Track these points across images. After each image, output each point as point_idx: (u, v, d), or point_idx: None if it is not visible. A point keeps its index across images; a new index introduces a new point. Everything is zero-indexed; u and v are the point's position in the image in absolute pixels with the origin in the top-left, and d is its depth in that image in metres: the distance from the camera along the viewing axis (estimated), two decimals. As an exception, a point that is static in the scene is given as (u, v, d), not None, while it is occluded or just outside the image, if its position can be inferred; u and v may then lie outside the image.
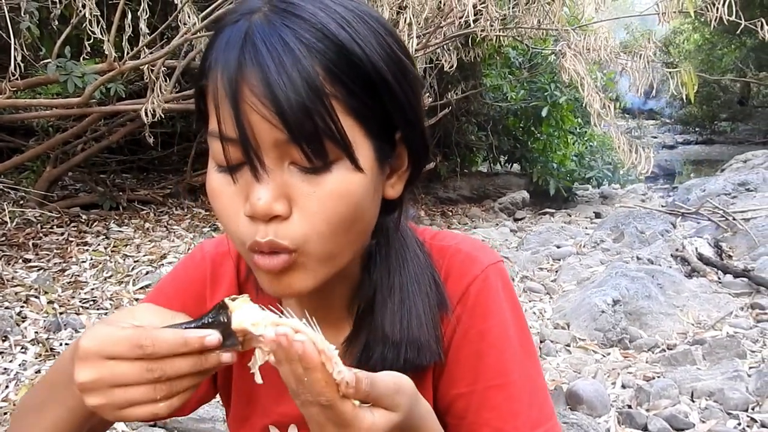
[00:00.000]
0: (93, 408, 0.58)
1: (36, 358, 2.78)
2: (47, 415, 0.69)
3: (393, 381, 0.60)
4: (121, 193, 5.16)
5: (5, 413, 2.39)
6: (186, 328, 0.58)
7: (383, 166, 0.69)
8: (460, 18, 3.78)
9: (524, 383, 0.78)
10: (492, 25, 3.72)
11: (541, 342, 3.21)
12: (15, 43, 3.13)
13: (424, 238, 0.84)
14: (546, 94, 7.56)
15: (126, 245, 4.21)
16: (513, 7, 4.34)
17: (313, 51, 0.60)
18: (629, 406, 2.52)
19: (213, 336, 0.57)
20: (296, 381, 0.55)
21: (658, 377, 2.74)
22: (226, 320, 0.58)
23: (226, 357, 0.59)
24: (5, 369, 2.67)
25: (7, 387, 2.56)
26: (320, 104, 0.59)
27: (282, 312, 0.57)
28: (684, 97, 4.43)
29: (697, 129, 20.13)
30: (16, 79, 3.47)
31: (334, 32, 0.61)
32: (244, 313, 0.57)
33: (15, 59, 3.25)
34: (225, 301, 0.59)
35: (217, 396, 0.94)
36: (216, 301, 0.84)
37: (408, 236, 0.81)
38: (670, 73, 4.18)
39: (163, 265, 3.87)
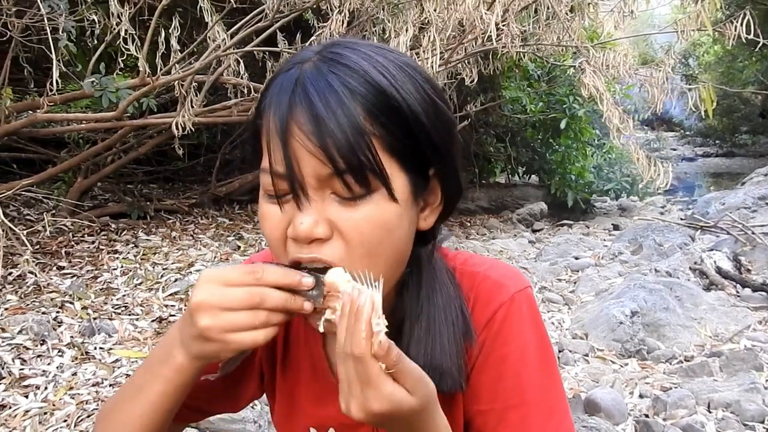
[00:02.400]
0: (201, 329, 0.69)
1: (72, 361, 2.89)
2: (143, 396, 0.78)
3: (420, 371, 0.68)
4: (148, 203, 5.30)
5: (45, 413, 2.51)
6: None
7: (417, 198, 0.76)
8: (482, 35, 3.88)
9: (541, 404, 0.83)
10: (513, 42, 3.81)
11: (559, 351, 3.27)
12: (55, 61, 3.26)
13: (455, 264, 0.90)
14: (565, 106, 7.62)
15: (155, 253, 4.34)
16: (533, 24, 4.42)
17: (356, 94, 0.69)
18: (646, 416, 2.58)
19: (309, 278, 0.70)
20: (347, 332, 0.64)
21: (676, 388, 2.79)
22: (320, 273, 0.71)
23: (308, 305, 0.71)
24: (44, 371, 2.78)
25: (46, 388, 2.67)
26: (362, 141, 0.68)
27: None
28: (703, 113, 4.48)
29: (717, 141, 20.01)
30: (53, 94, 3.62)
31: (375, 78, 0.70)
32: (338, 273, 0.70)
33: (53, 76, 3.40)
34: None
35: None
36: None
37: (439, 267, 0.86)
38: (688, 89, 4.24)
39: (191, 272, 3.98)
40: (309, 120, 0.67)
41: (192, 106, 3.71)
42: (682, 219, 6.89)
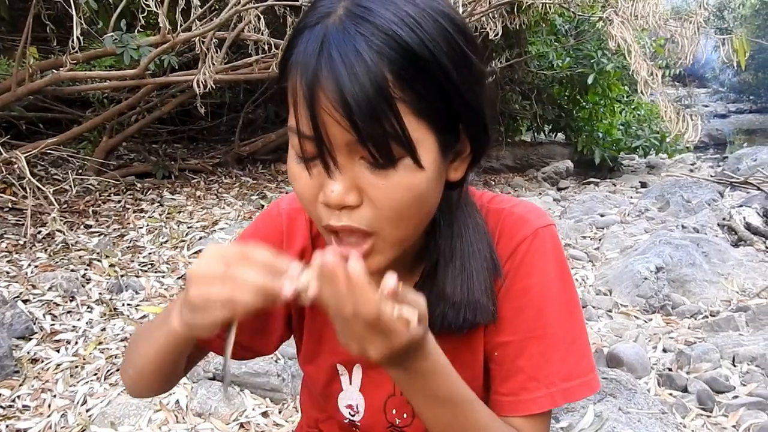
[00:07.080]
0: (189, 297, 0.69)
1: (101, 317, 2.96)
2: (152, 341, 0.84)
3: (419, 297, 0.69)
4: (172, 163, 5.34)
5: (76, 367, 2.58)
6: None
7: (447, 155, 0.75)
8: (506, -15, 3.77)
9: (562, 337, 0.84)
10: (538, -8, 3.70)
11: (582, 307, 3.26)
12: (76, 18, 3.25)
13: (482, 203, 0.90)
14: (593, 61, 7.43)
15: (179, 212, 4.39)
16: (559, -26, 4.29)
17: (383, 57, 0.65)
18: (669, 369, 2.57)
19: (295, 269, 0.67)
20: (348, 298, 0.63)
21: (700, 342, 2.77)
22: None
23: (287, 289, 0.66)
24: (74, 326, 2.85)
25: (76, 343, 2.73)
26: (388, 109, 0.66)
27: None
28: (735, 64, 4.34)
29: (751, 97, 19.44)
30: (76, 52, 3.62)
31: (404, 38, 0.66)
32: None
33: (75, 33, 3.40)
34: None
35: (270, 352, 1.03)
36: (291, 254, 0.93)
37: (470, 204, 0.87)
38: (722, 39, 4.11)
39: (215, 230, 4.02)
40: (335, 89, 0.65)
41: (213, 63, 3.69)
42: (711, 176, 6.75)
